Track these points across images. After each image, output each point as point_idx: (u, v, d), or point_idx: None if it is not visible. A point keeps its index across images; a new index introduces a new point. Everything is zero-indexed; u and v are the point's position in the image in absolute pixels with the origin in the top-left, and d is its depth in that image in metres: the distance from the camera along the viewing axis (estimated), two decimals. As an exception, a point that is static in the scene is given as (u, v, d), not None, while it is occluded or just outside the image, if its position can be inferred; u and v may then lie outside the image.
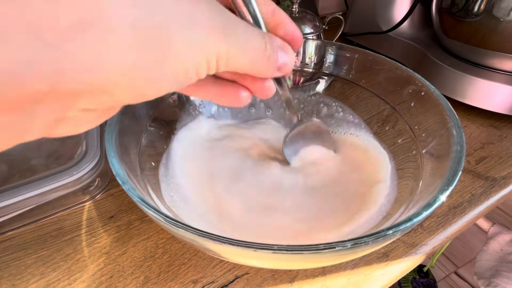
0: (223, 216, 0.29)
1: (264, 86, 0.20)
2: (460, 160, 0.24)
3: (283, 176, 0.33)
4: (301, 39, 0.20)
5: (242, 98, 0.20)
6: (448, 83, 0.48)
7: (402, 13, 0.55)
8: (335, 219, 0.29)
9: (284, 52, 0.19)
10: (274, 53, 0.18)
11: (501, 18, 0.42)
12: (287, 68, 0.19)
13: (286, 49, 0.19)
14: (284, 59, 0.19)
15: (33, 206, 0.30)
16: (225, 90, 0.20)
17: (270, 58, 0.17)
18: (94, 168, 0.32)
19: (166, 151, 0.34)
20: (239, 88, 0.20)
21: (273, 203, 0.30)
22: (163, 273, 0.28)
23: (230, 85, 0.20)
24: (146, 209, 0.21)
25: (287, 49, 0.19)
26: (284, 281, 0.28)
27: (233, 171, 0.33)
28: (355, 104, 0.39)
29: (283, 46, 0.19)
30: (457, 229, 0.33)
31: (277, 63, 0.18)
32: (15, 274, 0.28)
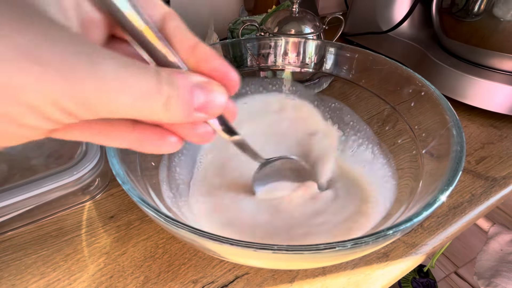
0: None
1: (195, 132, 0.17)
2: (460, 160, 0.24)
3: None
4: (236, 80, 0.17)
5: (169, 144, 0.17)
6: (448, 83, 0.48)
7: (402, 13, 0.55)
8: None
9: (203, 90, 0.15)
10: (183, 93, 0.14)
11: (501, 18, 0.42)
12: (214, 108, 0.16)
13: (207, 86, 0.15)
14: (203, 99, 0.15)
15: (33, 206, 0.30)
16: (146, 136, 0.17)
17: (173, 96, 0.14)
18: (94, 168, 0.32)
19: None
20: (164, 134, 0.17)
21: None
22: (163, 273, 0.28)
23: (152, 129, 0.17)
24: (146, 209, 0.21)
25: (210, 86, 0.15)
26: (284, 281, 0.28)
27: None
28: (355, 104, 0.39)
29: (202, 84, 0.15)
30: (457, 229, 0.33)
31: (192, 105, 0.15)
32: (15, 274, 0.28)
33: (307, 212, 0.30)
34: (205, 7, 0.65)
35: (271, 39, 0.41)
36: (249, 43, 0.40)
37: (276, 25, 0.48)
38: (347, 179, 0.34)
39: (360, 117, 0.38)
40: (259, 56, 0.41)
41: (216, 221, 0.30)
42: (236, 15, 0.70)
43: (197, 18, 0.64)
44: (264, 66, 0.42)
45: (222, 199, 0.32)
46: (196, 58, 0.16)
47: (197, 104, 0.15)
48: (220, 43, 0.39)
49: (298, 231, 0.28)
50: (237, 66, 0.41)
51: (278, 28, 0.47)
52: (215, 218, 0.30)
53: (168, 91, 0.14)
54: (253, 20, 0.47)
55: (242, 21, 0.56)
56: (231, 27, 0.57)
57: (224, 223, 0.29)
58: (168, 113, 0.14)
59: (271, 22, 0.48)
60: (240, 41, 0.40)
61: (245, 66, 0.41)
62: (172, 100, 0.14)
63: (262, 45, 0.41)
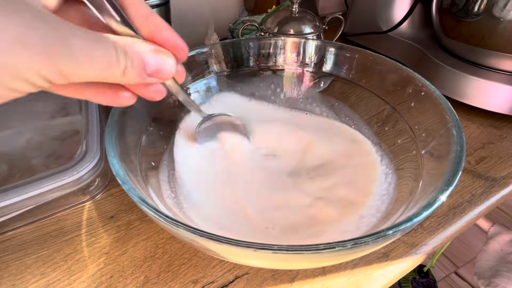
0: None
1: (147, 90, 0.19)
2: (460, 160, 0.24)
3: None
4: (184, 48, 0.19)
5: (123, 98, 0.19)
6: (448, 83, 0.48)
7: (402, 13, 0.55)
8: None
9: (154, 58, 0.18)
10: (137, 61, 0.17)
11: (501, 18, 0.42)
12: (164, 73, 0.18)
13: (157, 53, 0.18)
14: (154, 66, 0.18)
15: (33, 206, 0.30)
16: (103, 91, 0.19)
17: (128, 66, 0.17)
18: (94, 168, 0.32)
19: (166, 151, 0.34)
20: (119, 89, 0.19)
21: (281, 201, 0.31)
22: (163, 273, 0.28)
23: (108, 86, 0.19)
24: (146, 209, 0.21)
25: (160, 54, 0.18)
26: (284, 281, 0.28)
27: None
28: (355, 104, 0.39)
29: (153, 51, 0.18)
30: (457, 229, 0.33)
31: (145, 70, 0.18)
32: (15, 274, 0.28)
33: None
34: (205, 7, 0.65)
35: (271, 39, 0.41)
36: (249, 43, 0.40)
37: (276, 25, 0.48)
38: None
39: (360, 117, 0.38)
40: (259, 56, 0.41)
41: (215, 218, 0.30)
42: (236, 15, 0.70)
43: (197, 18, 0.64)
44: (264, 66, 0.42)
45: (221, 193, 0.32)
46: (150, 27, 0.19)
47: (149, 70, 0.18)
48: (220, 43, 0.39)
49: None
50: (237, 66, 0.41)
51: (278, 28, 0.47)
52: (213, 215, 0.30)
53: (124, 61, 0.16)
54: (253, 20, 0.47)
55: (242, 21, 0.56)
56: (231, 27, 0.57)
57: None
58: (125, 78, 0.17)
59: (271, 22, 0.48)
60: (240, 41, 0.40)
61: (245, 66, 0.41)
62: (128, 68, 0.17)
63: (262, 45, 0.41)
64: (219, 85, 0.40)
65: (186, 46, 0.20)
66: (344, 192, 0.31)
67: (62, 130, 0.37)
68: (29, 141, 0.36)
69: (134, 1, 0.19)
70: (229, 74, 0.41)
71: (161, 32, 0.19)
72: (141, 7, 0.19)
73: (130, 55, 0.17)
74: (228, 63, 0.40)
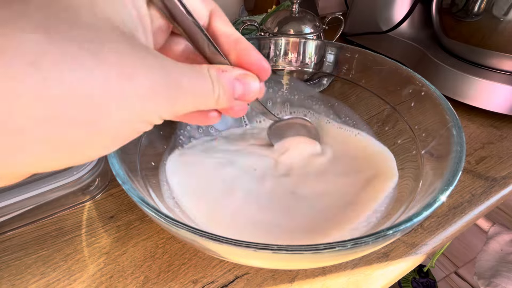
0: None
1: (233, 109, 0.20)
2: (460, 160, 0.24)
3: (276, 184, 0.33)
4: (268, 69, 0.21)
5: (211, 118, 0.21)
6: (448, 83, 0.48)
7: (402, 13, 0.55)
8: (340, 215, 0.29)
9: (241, 83, 0.19)
10: (227, 88, 0.18)
11: (501, 18, 0.42)
12: (250, 95, 0.20)
13: (244, 79, 0.19)
14: (241, 91, 0.19)
15: (33, 206, 0.30)
16: (193, 114, 0.20)
17: (221, 96, 0.18)
18: (94, 168, 0.32)
19: (166, 151, 0.34)
20: (208, 111, 0.21)
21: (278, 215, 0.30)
22: (163, 273, 0.28)
23: (204, 111, 0.20)
24: (146, 209, 0.21)
25: (246, 79, 0.19)
26: (284, 281, 0.28)
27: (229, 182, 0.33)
28: (355, 104, 0.39)
29: (240, 77, 0.19)
30: (457, 229, 0.33)
31: (233, 96, 0.19)
32: (15, 274, 0.28)
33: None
34: (205, 7, 0.65)
35: (271, 39, 0.41)
36: (249, 43, 0.40)
37: (276, 25, 0.48)
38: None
39: (360, 117, 0.38)
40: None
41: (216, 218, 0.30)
42: (236, 15, 0.70)
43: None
44: (264, 66, 0.42)
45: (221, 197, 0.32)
46: (238, 51, 0.20)
47: (237, 95, 0.19)
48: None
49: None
50: (237, 66, 0.41)
51: (278, 28, 0.47)
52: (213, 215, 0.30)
53: (218, 90, 0.18)
54: (253, 20, 0.47)
55: (242, 21, 0.56)
56: (231, 27, 0.57)
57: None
58: (218, 105, 0.18)
59: (271, 22, 0.48)
60: (240, 41, 0.40)
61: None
62: (221, 96, 0.18)
63: (262, 45, 0.41)
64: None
65: (269, 66, 0.21)
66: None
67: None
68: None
69: (224, 28, 0.20)
70: (229, 74, 0.41)
71: (249, 56, 0.20)
72: (231, 33, 0.20)
73: (222, 83, 0.18)
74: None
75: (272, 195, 0.31)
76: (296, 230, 0.28)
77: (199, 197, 0.31)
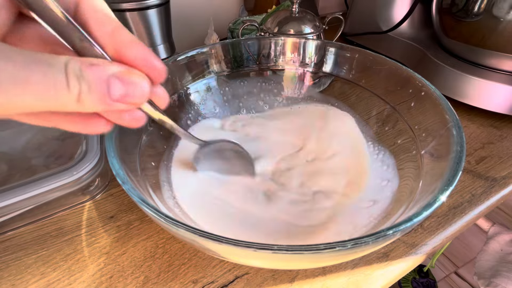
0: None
1: (121, 117, 0.17)
2: (460, 160, 0.24)
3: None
4: (161, 68, 0.16)
5: (94, 126, 0.17)
6: (448, 83, 0.48)
7: (402, 13, 0.55)
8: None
9: (121, 81, 0.15)
10: (97, 86, 0.14)
11: (501, 18, 0.42)
12: (134, 98, 0.15)
13: (125, 76, 0.15)
14: (122, 90, 0.15)
15: (33, 206, 0.30)
16: (70, 118, 0.17)
17: (84, 91, 0.14)
18: (94, 168, 0.32)
19: (166, 151, 0.34)
20: (90, 116, 0.17)
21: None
22: (163, 273, 0.28)
23: (77, 113, 0.16)
24: (146, 209, 0.21)
25: (129, 77, 0.15)
26: (284, 281, 0.28)
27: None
28: (355, 104, 0.39)
29: (120, 74, 0.15)
30: (457, 229, 0.33)
31: (110, 95, 0.15)
32: (15, 274, 0.28)
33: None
34: (205, 7, 0.65)
35: (271, 39, 0.41)
36: (249, 43, 0.40)
37: (276, 25, 0.48)
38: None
39: (360, 117, 0.38)
40: (259, 56, 0.41)
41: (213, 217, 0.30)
42: (236, 15, 0.70)
43: (197, 18, 0.64)
44: (264, 66, 0.42)
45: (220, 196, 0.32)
46: (116, 44, 0.16)
47: (115, 95, 0.15)
48: (220, 43, 0.39)
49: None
50: (237, 66, 0.41)
51: (278, 28, 0.47)
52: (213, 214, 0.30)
53: (77, 85, 0.14)
54: (253, 20, 0.47)
55: (242, 21, 0.56)
56: (231, 27, 0.57)
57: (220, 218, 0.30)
58: (82, 105, 0.14)
59: (271, 22, 0.48)
60: (240, 41, 0.40)
61: (245, 66, 0.41)
62: (83, 94, 0.14)
63: (262, 45, 0.41)
64: (219, 85, 0.40)
65: (162, 65, 0.17)
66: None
67: (62, 130, 0.37)
68: (29, 141, 0.36)
69: (98, 14, 0.16)
70: (229, 74, 0.41)
71: (130, 49, 0.16)
72: (106, 21, 0.16)
73: (86, 78, 0.14)
74: (228, 63, 0.40)
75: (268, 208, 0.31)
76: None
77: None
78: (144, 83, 0.16)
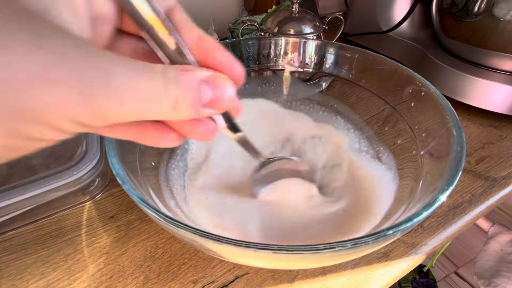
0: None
1: (197, 129, 0.17)
2: (460, 160, 0.24)
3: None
4: (242, 73, 0.17)
5: (169, 140, 0.17)
6: (448, 83, 0.47)
7: (402, 13, 0.55)
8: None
9: (210, 85, 0.15)
10: (190, 91, 0.14)
11: (501, 18, 0.42)
12: (222, 103, 0.15)
13: (214, 80, 0.15)
14: (211, 94, 0.15)
15: (33, 206, 0.30)
16: (146, 132, 0.16)
17: (180, 97, 0.14)
18: (94, 168, 0.32)
19: (166, 151, 0.34)
20: (164, 130, 0.17)
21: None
22: (163, 273, 0.28)
23: (153, 126, 0.17)
24: (146, 209, 0.21)
25: (218, 81, 0.15)
26: (284, 281, 0.28)
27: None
28: (355, 104, 0.39)
29: (210, 79, 0.15)
30: (457, 229, 0.33)
31: (200, 102, 0.15)
32: (15, 274, 0.28)
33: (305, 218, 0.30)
34: (205, 7, 0.65)
35: (271, 39, 0.41)
36: (249, 43, 0.40)
37: (276, 25, 0.48)
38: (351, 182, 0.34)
39: (360, 117, 0.38)
40: (259, 56, 0.41)
41: (215, 220, 0.30)
42: (236, 15, 0.70)
43: (197, 18, 0.64)
44: (264, 66, 0.42)
45: (223, 200, 0.32)
46: (202, 50, 0.16)
47: (205, 100, 0.15)
48: (220, 43, 0.39)
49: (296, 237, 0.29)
50: (237, 66, 0.41)
51: (278, 28, 0.47)
52: (214, 218, 0.30)
53: (176, 92, 0.14)
54: (253, 20, 0.47)
55: (242, 21, 0.56)
56: (231, 27, 0.57)
57: (221, 225, 0.29)
58: (177, 113, 0.14)
59: (271, 22, 0.48)
60: (240, 41, 0.40)
61: (245, 66, 0.41)
62: (180, 101, 0.14)
63: (262, 45, 0.41)
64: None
65: (243, 70, 0.17)
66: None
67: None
68: (29, 141, 0.36)
69: (184, 24, 0.16)
70: (229, 74, 0.41)
71: (216, 54, 0.16)
72: (192, 29, 0.17)
73: (182, 83, 0.14)
74: (228, 63, 0.40)
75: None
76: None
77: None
78: (230, 86, 0.16)
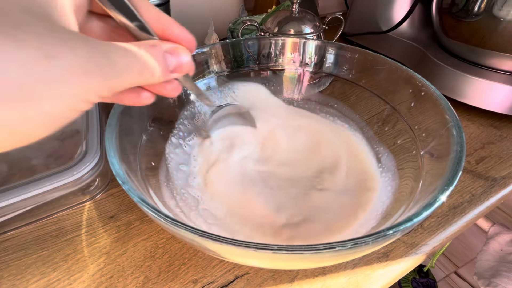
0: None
1: (166, 88, 0.21)
2: (460, 160, 0.24)
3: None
4: (193, 39, 0.21)
5: (143, 98, 0.21)
6: (448, 83, 0.48)
7: (402, 13, 0.55)
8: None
9: (172, 55, 0.19)
10: (160, 62, 0.19)
11: (501, 18, 0.42)
12: (183, 68, 0.20)
13: (175, 51, 0.20)
14: (175, 62, 0.19)
15: (33, 206, 0.30)
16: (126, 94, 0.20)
17: (155, 69, 0.18)
18: (94, 168, 0.32)
19: (166, 151, 0.34)
20: (140, 91, 0.21)
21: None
22: (163, 273, 0.28)
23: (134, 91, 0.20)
24: (146, 209, 0.21)
25: (178, 51, 0.20)
26: (284, 281, 0.28)
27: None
28: (355, 104, 0.39)
29: (171, 50, 0.19)
30: (457, 229, 0.33)
31: (168, 69, 0.19)
32: (15, 274, 0.28)
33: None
34: (205, 7, 0.65)
35: (271, 39, 0.41)
36: (249, 43, 0.40)
37: (276, 25, 0.48)
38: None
39: (360, 117, 0.38)
40: (259, 56, 0.41)
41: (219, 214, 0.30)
42: (236, 15, 0.70)
43: (197, 18, 0.64)
44: (264, 66, 0.42)
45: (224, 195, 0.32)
46: (161, 26, 0.20)
47: (171, 67, 0.19)
48: (220, 43, 0.39)
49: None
50: (237, 66, 0.41)
51: (278, 28, 0.47)
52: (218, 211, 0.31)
53: (152, 64, 0.18)
54: (253, 20, 0.47)
55: (242, 21, 0.56)
56: (231, 27, 0.57)
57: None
58: (154, 79, 0.19)
59: (271, 22, 0.48)
60: (240, 41, 0.40)
61: (245, 66, 0.41)
62: (155, 70, 0.18)
63: (262, 45, 0.41)
64: (219, 85, 0.40)
65: (194, 38, 0.21)
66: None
67: (62, 130, 0.37)
68: (29, 141, 0.36)
69: (144, 4, 0.20)
70: (229, 74, 0.41)
71: (173, 29, 0.20)
72: (150, 8, 0.20)
73: (155, 57, 0.18)
74: (228, 63, 0.40)
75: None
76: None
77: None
78: (188, 55, 0.20)
